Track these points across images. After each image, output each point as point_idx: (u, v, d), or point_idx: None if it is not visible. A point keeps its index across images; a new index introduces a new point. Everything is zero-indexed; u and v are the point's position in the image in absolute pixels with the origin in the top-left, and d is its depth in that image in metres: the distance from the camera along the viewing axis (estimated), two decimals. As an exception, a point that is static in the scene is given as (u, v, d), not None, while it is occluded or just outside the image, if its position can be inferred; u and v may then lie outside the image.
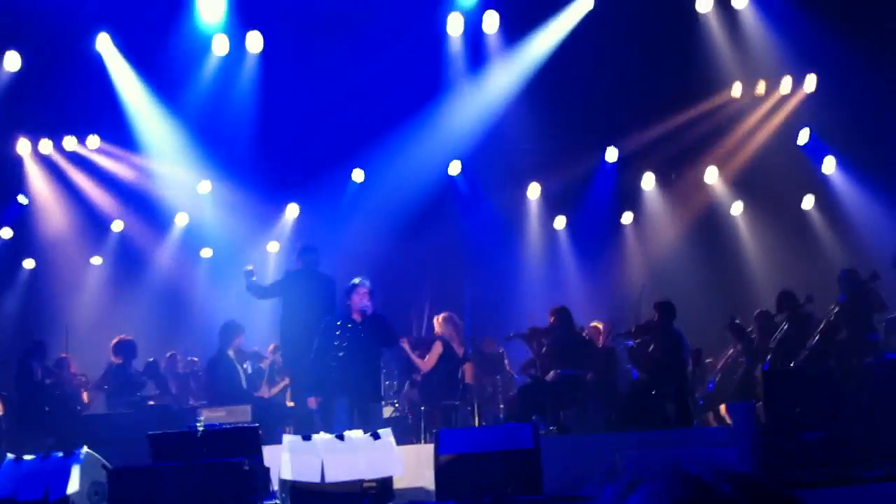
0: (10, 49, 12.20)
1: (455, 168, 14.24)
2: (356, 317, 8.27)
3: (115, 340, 11.09)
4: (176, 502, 6.11)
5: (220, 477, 6.20)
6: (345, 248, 12.69)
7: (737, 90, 13.41)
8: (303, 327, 9.20)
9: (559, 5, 12.73)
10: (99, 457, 6.52)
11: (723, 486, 0.96)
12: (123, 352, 11.02)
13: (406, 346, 10.34)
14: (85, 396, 11.13)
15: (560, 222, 14.91)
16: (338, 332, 8.28)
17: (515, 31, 12.98)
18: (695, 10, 12.52)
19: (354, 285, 8.34)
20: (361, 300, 8.26)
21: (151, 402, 10.59)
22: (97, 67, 12.72)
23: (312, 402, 8.59)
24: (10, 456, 6.60)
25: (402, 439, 9.34)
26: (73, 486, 6.27)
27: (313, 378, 8.46)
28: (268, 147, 13.70)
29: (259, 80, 12.99)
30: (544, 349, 10.07)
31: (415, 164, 13.61)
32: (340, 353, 8.19)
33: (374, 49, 12.41)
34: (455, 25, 12.75)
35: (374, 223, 13.64)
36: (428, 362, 10.15)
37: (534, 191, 14.76)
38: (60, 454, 6.51)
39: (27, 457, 6.56)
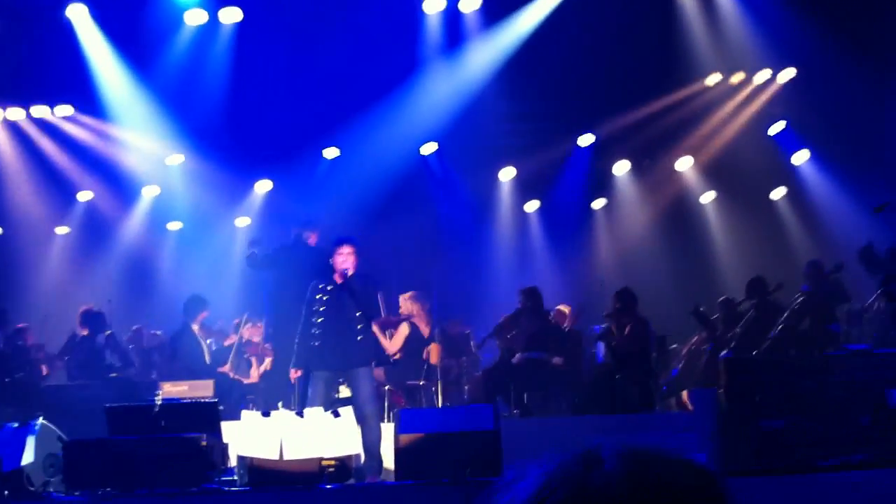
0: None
1: (428, 148, 14.16)
2: (337, 279, 7.70)
3: (81, 309, 10.85)
4: (132, 476, 6.05)
5: (177, 451, 6.16)
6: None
7: (713, 80, 13.41)
8: (292, 302, 8.96)
9: (537, -13, 12.66)
10: (55, 428, 6.45)
11: (611, 463, 0.89)
12: (90, 323, 10.82)
13: (376, 328, 10.22)
14: (44, 368, 10.96)
15: (532, 206, 14.90)
16: (317, 297, 7.70)
17: (493, 13, 12.88)
18: (675, -1, 12.51)
19: (337, 244, 7.76)
20: (344, 261, 7.63)
21: (114, 375, 10.45)
22: (68, 35, 12.51)
23: (293, 375, 8.04)
24: (-36, 425, 6.51)
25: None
26: (28, 457, 6.21)
27: (296, 349, 7.86)
28: (240, 121, 13.54)
29: (233, 53, 12.80)
30: (513, 333, 10.09)
31: (388, 143, 13.52)
32: (319, 319, 7.61)
33: (350, 26, 12.28)
34: (433, 4, 12.65)
35: (347, 201, 13.55)
36: (394, 344, 10.09)
37: (507, 174, 14.74)
38: (16, 425, 6.43)
39: (-19, 427, 6.48)
